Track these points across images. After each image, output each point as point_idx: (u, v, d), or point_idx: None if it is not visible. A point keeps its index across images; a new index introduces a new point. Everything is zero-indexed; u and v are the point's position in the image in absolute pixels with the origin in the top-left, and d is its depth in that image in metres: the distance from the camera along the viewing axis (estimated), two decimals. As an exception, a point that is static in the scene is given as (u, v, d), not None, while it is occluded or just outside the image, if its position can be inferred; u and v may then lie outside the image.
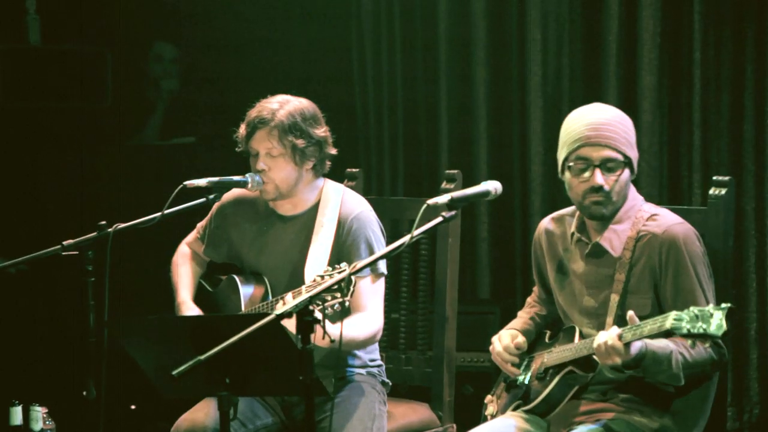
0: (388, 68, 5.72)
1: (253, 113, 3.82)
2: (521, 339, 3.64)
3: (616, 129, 3.45)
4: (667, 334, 3.16)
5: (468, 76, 5.55)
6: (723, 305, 3.05)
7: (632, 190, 3.53)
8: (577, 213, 3.57)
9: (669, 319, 3.09)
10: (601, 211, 3.47)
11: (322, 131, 3.84)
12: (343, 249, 3.81)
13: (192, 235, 4.09)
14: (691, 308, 3.07)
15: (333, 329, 3.44)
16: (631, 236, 3.47)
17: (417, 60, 5.67)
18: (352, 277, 3.23)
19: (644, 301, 3.38)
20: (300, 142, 3.78)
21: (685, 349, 3.32)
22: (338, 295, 3.27)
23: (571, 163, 3.46)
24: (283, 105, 3.82)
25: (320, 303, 3.27)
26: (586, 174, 3.44)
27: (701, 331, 3.03)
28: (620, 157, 3.44)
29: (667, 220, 3.47)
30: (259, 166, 3.80)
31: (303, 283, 3.63)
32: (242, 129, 3.85)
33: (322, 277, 3.37)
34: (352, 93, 5.80)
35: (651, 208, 3.53)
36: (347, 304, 3.34)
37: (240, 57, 5.93)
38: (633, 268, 3.46)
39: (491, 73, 5.52)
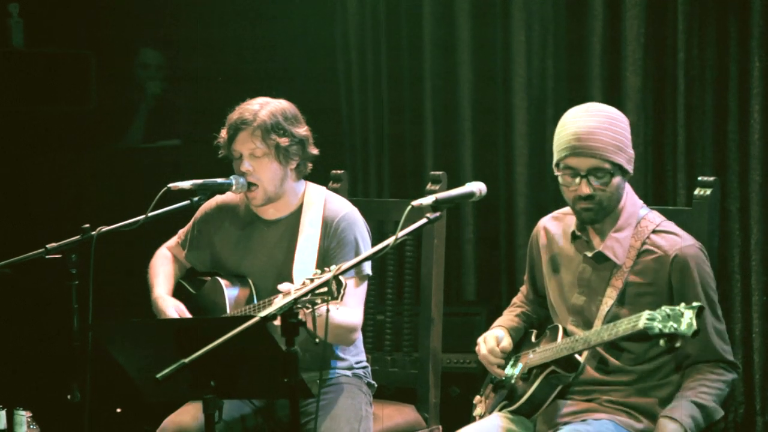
0: (373, 69, 5.72)
1: (234, 116, 3.82)
2: (506, 342, 3.64)
3: (603, 137, 3.42)
4: (642, 333, 3.16)
5: (452, 78, 5.55)
6: (694, 304, 3.06)
7: (631, 195, 3.52)
8: None
9: (642, 319, 3.11)
10: (592, 216, 3.48)
11: (303, 130, 3.85)
12: (329, 251, 3.80)
13: (173, 241, 4.08)
14: (663, 307, 3.09)
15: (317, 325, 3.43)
16: (633, 245, 3.47)
17: (402, 61, 5.67)
18: (342, 280, 3.22)
19: (634, 313, 3.36)
20: (283, 141, 3.79)
21: (703, 393, 3.37)
22: (328, 298, 3.26)
23: (560, 172, 3.47)
24: (264, 106, 3.82)
25: (310, 306, 3.27)
26: (575, 182, 3.44)
27: (672, 330, 3.05)
28: (607, 165, 3.42)
29: (679, 240, 3.46)
30: (243, 167, 3.80)
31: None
32: (223, 133, 3.84)
33: (312, 280, 3.37)
34: (337, 94, 5.79)
35: (655, 217, 3.52)
36: (336, 308, 3.33)
37: (224, 58, 5.91)
38: (632, 278, 3.46)
39: (476, 74, 5.52)
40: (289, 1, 5.85)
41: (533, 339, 3.64)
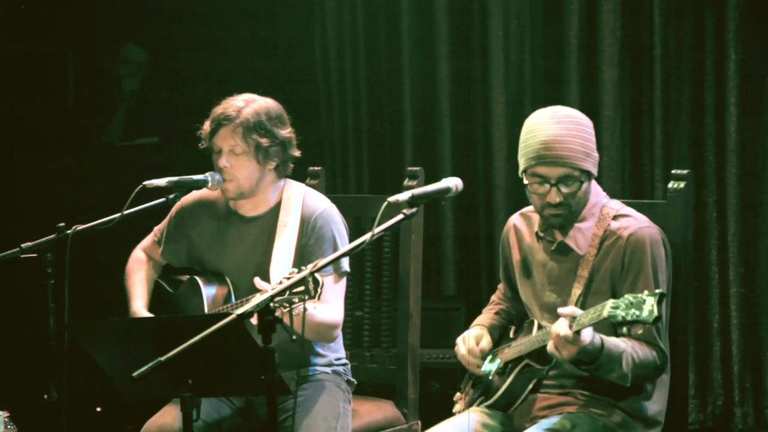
0: (352, 66, 5.72)
1: (218, 110, 3.80)
2: (486, 341, 3.64)
3: (572, 144, 3.41)
4: (609, 323, 3.17)
5: (431, 75, 5.56)
6: (656, 291, 3.08)
7: (594, 186, 3.53)
8: None
9: (606, 307, 3.12)
10: (561, 222, 3.49)
11: (287, 132, 3.83)
12: (307, 247, 3.80)
13: (148, 239, 4.06)
14: (626, 296, 3.10)
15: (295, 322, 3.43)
16: (596, 234, 3.48)
17: (380, 58, 5.68)
18: (319, 279, 3.22)
19: (601, 301, 3.37)
20: (264, 141, 3.77)
21: (634, 351, 3.34)
22: (305, 296, 3.25)
23: (528, 179, 3.46)
24: (249, 103, 3.80)
25: (288, 305, 3.26)
26: (544, 189, 3.44)
27: (634, 317, 3.06)
28: (577, 173, 3.42)
29: (635, 222, 3.46)
30: (221, 163, 3.79)
31: (268, 283, 3.62)
32: (206, 125, 3.83)
33: (289, 279, 3.36)
34: (315, 91, 5.80)
35: (616, 204, 3.53)
36: (314, 306, 3.32)
37: (203, 55, 5.91)
38: (597, 266, 3.47)
39: (454, 70, 5.53)
40: (269, 4, 5.85)
41: (511, 335, 3.64)
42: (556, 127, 3.42)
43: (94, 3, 5.88)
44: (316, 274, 3.20)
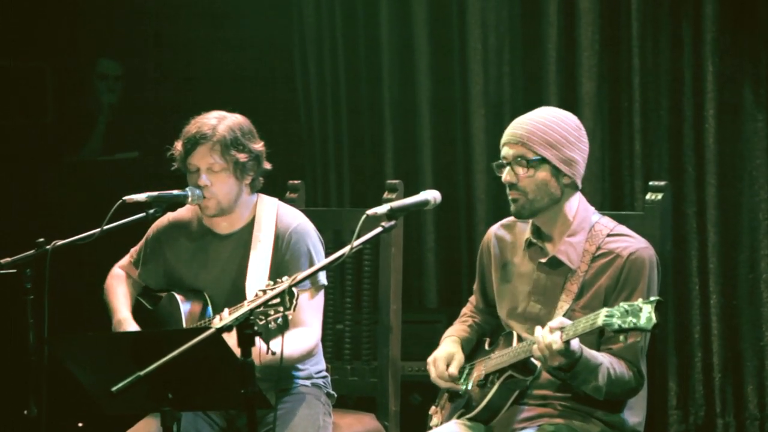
0: (331, 75, 5.72)
1: (191, 129, 3.80)
2: (456, 362, 3.60)
3: (534, 127, 3.44)
4: (601, 334, 3.18)
5: (410, 84, 5.58)
6: (651, 299, 3.08)
7: (583, 201, 3.53)
8: (530, 220, 3.58)
9: (601, 316, 3.12)
10: (517, 209, 3.48)
11: (259, 146, 3.85)
12: (282, 263, 3.80)
13: (125, 260, 4.06)
14: (621, 304, 3.10)
15: (274, 343, 3.43)
16: (588, 250, 3.47)
17: (360, 71, 5.68)
18: (295, 290, 3.22)
19: None
20: (242, 157, 3.78)
21: (612, 366, 3.35)
22: (281, 309, 3.25)
23: (497, 164, 3.50)
24: (221, 120, 3.81)
25: (263, 317, 3.26)
26: (502, 172, 3.48)
27: (632, 325, 3.06)
28: (530, 154, 3.43)
29: (635, 242, 3.47)
30: (201, 182, 3.78)
31: (244, 298, 3.62)
32: (179, 146, 3.82)
33: (264, 291, 3.36)
34: (295, 104, 5.80)
35: (608, 222, 3.53)
36: (289, 317, 3.33)
37: (182, 60, 5.90)
38: (587, 282, 3.47)
39: (433, 83, 5.55)
40: (245, 3, 5.84)
41: (486, 347, 3.64)
42: (530, 113, 3.49)
43: (71, 18, 5.87)
44: (293, 287, 3.21)
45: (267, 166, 3.88)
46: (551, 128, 3.44)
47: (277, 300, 3.21)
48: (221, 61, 5.87)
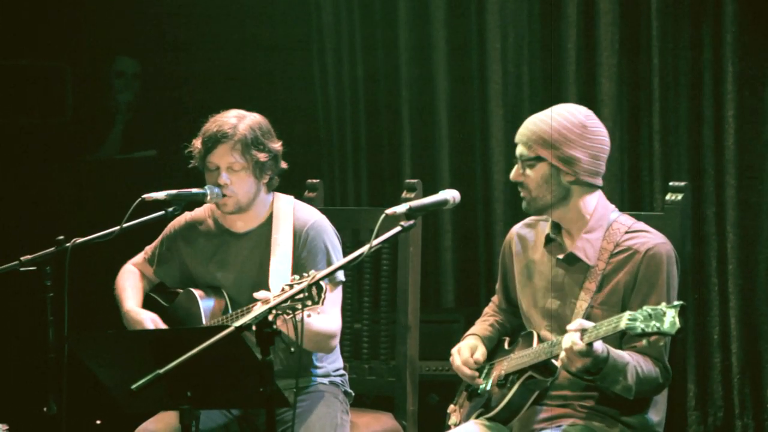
0: (349, 76, 5.72)
1: (211, 128, 3.81)
2: (480, 353, 3.64)
3: (535, 126, 3.48)
4: (622, 334, 3.17)
5: (429, 84, 5.57)
6: (675, 303, 3.08)
7: (602, 198, 3.53)
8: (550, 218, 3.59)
9: (623, 320, 3.11)
10: (525, 206, 3.54)
11: (278, 145, 3.87)
12: (300, 259, 3.81)
13: (139, 257, 4.07)
14: (644, 308, 3.09)
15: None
16: (606, 247, 3.48)
17: (378, 70, 5.68)
18: (322, 284, 3.23)
19: (609, 314, 3.35)
20: (262, 156, 3.80)
21: (638, 365, 3.34)
22: (309, 303, 3.26)
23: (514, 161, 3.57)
24: (241, 119, 3.82)
25: (291, 312, 3.26)
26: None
27: (655, 329, 3.05)
28: (529, 153, 3.47)
29: (652, 237, 3.48)
30: (221, 180, 3.79)
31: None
32: (198, 144, 3.83)
33: (291, 286, 3.35)
34: (314, 104, 5.80)
35: (627, 219, 3.54)
36: (319, 312, 3.33)
37: (200, 59, 5.91)
38: (605, 279, 3.47)
39: (452, 82, 5.54)
40: (263, 3, 5.85)
41: (506, 346, 3.64)
42: (539, 113, 3.52)
43: (89, 16, 5.89)
44: (320, 281, 3.22)
45: (283, 165, 3.89)
46: (552, 127, 3.47)
47: (305, 294, 3.22)
48: (239, 60, 5.87)
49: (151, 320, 3.87)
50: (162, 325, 3.87)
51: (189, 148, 3.86)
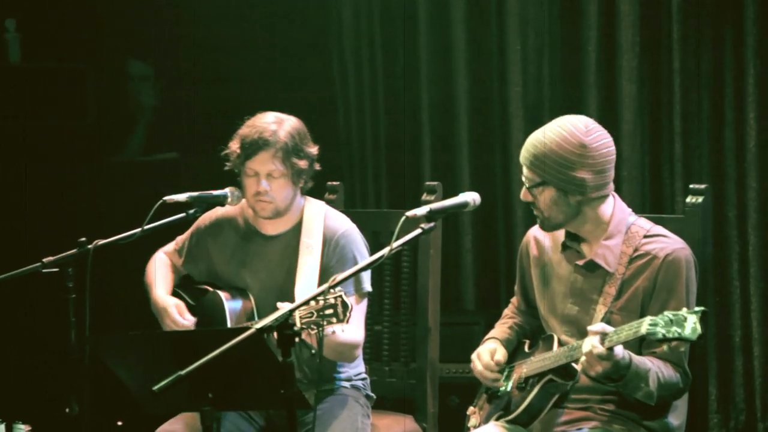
0: (370, 81, 5.73)
1: (251, 133, 3.77)
2: (501, 355, 3.64)
3: (536, 150, 3.46)
4: (642, 339, 3.16)
5: (448, 86, 5.57)
6: (696, 309, 3.07)
7: (619, 203, 3.53)
8: None
9: (644, 325, 3.10)
10: (539, 223, 3.54)
11: (314, 150, 3.85)
12: (328, 268, 3.80)
13: (170, 247, 4.08)
14: (665, 313, 3.09)
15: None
16: (625, 252, 3.47)
17: (399, 73, 5.69)
18: (349, 303, 3.22)
19: (629, 319, 3.33)
20: (302, 164, 3.79)
21: (660, 370, 3.34)
22: (334, 320, 3.25)
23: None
24: (280, 124, 3.79)
25: (316, 327, 3.26)
26: None
27: (676, 335, 3.05)
28: (534, 177, 3.47)
29: (671, 242, 3.47)
30: (261, 188, 3.77)
31: (292, 302, 3.62)
32: (236, 147, 3.80)
33: (317, 301, 3.34)
34: (334, 106, 5.81)
35: (645, 223, 3.53)
36: (342, 329, 3.32)
37: (218, 56, 5.93)
38: (625, 284, 3.46)
39: (472, 83, 5.54)
40: (283, 6, 5.86)
41: (526, 349, 3.64)
42: (537, 132, 3.51)
43: (111, 19, 5.91)
44: (345, 298, 3.21)
45: (316, 167, 3.88)
46: (552, 151, 3.43)
47: (331, 311, 3.21)
48: (260, 61, 5.89)
49: (174, 305, 3.86)
50: (186, 312, 3.87)
51: (225, 151, 3.84)
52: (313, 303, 3.26)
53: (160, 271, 4.00)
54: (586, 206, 3.48)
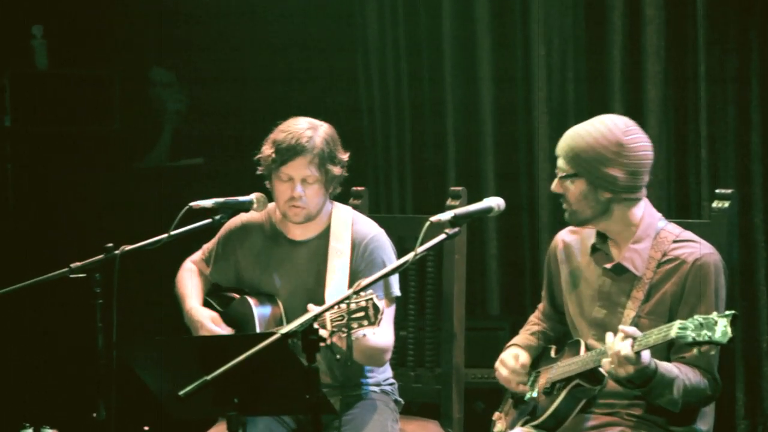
0: (395, 88, 5.74)
1: (287, 138, 3.78)
2: (524, 357, 3.64)
3: (574, 142, 3.48)
4: (671, 344, 3.15)
5: (473, 90, 5.57)
6: (727, 312, 3.06)
7: (648, 207, 3.52)
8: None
9: (674, 328, 3.10)
10: (566, 217, 3.55)
11: (346, 156, 3.87)
12: (357, 273, 3.81)
13: (197, 255, 4.10)
14: (695, 317, 3.08)
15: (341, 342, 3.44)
16: (653, 256, 3.47)
17: (424, 81, 5.69)
18: (379, 305, 3.23)
19: (656, 324, 3.32)
20: (336, 170, 3.81)
21: (686, 377, 3.33)
22: (365, 323, 3.26)
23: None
24: (315, 130, 3.80)
25: (346, 330, 3.26)
26: None
27: (706, 338, 3.04)
28: (567, 168, 3.49)
29: (700, 247, 3.47)
30: (296, 193, 3.78)
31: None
32: (270, 152, 3.81)
33: (348, 303, 3.34)
34: (359, 111, 5.82)
35: (674, 228, 3.53)
36: (374, 332, 3.31)
37: (241, 58, 5.94)
38: (653, 288, 3.46)
39: (497, 89, 5.54)
40: (306, 3, 5.88)
41: (553, 354, 3.63)
42: (579, 126, 3.53)
43: (138, 26, 5.94)
44: (375, 301, 3.22)
45: (345, 173, 3.90)
46: (589, 145, 3.45)
47: (362, 314, 3.22)
48: (281, 63, 5.91)
49: (210, 318, 3.89)
50: (222, 323, 3.88)
51: (257, 156, 3.85)
52: (343, 306, 3.26)
53: (190, 282, 4.02)
54: (616, 205, 3.48)
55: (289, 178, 3.79)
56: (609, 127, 3.47)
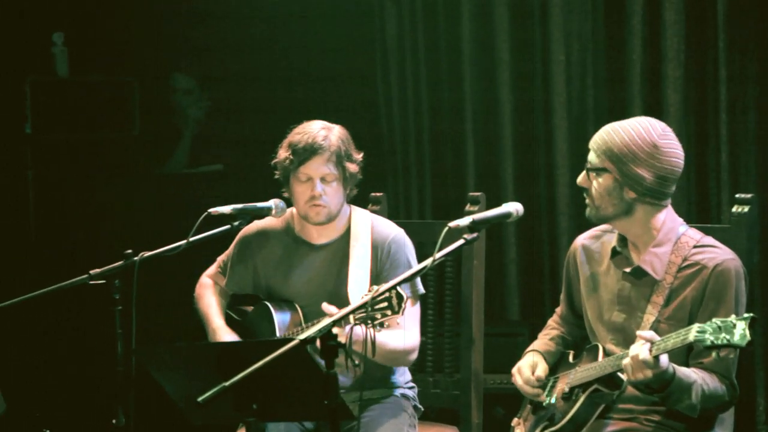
0: (414, 93, 5.74)
1: (304, 139, 3.81)
2: (542, 369, 3.63)
3: (608, 136, 3.47)
4: (690, 349, 3.14)
5: (492, 96, 5.57)
6: (745, 315, 3.05)
7: (670, 212, 3.51)
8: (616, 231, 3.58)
9: (692, 332, 3.09)
10: (587, 212, 3.54)
11: (360, 156, 3.89)
12: (381, 273, 3.82)
13: (213, 269, 4.10)
14: (714, 320, 3.07)
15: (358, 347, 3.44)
16: (673, 261, 3.46)
17: (442, 86, 5.69)
18: (403, 294, 3.24)
19: (676, 329, 3.30)
20: (353, 168, 3.84)
21: (704, 382, 3.32)
22: (389, 312, 3.27)
23: None
24: (329, 130, 3.84)
25: (370, 321, 3.27)
26: None
27: (725, 341, 3.02)
28: (596, 162, 3.47)
29: (721, 252, 3.46)
30: (315, 191, 3.80)
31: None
32: (287, 154, 3.83)
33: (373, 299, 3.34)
34: (377, 117, 5.82)
35: (695, 233, 3.52)
36: (398, 321, 3.32)
37: (258, 57, 5.96)
38: (673, 293, 3.45)
39: (516, 96, 5.54)
40: (325, 5, 5.88)
41: (571, 360, 3.63)
42: (618, 122, 3.51)
43: (158, 33, 5.97)
44: (399, 289, 3.22)
45: (359, 175, 3.92)
46: (623, 141, 3.45)
47: (385, 304, 3.23)
48: (300, 63, 5.92)
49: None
50: None
51: (274, 160, 3.87)
52: (366, 298, 3.26)
53: (212, 299, 4.03)
54: (639, 206, 3.47)
55: (308, 178, 3.81)
56: (647, 128, 3.47)
